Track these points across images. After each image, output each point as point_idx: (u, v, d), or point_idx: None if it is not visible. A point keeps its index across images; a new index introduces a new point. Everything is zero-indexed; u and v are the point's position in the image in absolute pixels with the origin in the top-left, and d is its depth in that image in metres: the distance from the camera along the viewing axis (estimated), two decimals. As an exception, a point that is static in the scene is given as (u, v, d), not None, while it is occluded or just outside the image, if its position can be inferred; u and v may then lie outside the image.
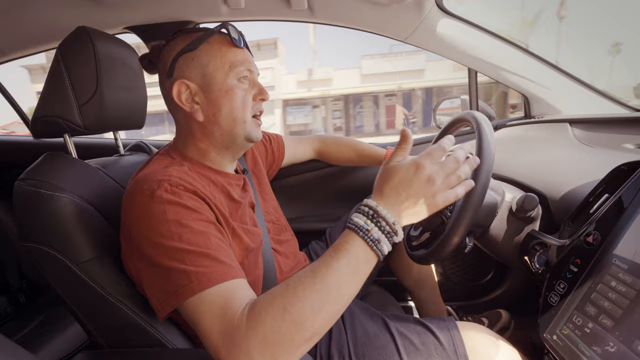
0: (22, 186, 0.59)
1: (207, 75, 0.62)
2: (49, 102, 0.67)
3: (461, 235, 0.64)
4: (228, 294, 0.46)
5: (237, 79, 0.63)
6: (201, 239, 0.49)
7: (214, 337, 0.44)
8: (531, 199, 0.66)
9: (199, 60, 0.62)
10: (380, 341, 0.66)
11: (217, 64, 0.62)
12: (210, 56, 0.62)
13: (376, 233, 0.47)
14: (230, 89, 0.62)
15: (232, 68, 0.62)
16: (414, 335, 0.66)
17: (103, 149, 1.46)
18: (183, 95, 0.62)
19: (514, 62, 1.13)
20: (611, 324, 0.44)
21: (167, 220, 0.49)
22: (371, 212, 0.48)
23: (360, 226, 0.47)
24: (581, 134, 0.95)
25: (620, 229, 0.49)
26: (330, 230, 1.05)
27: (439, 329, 0.66)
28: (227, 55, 0.62)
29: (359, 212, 0.49)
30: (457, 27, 1.06)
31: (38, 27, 1.00)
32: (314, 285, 0.44)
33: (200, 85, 0.62)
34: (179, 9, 1.00)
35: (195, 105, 0.62)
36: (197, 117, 0.62)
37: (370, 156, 1.09)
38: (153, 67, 0.69)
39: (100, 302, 0.58)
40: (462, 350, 0.62)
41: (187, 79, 0.61)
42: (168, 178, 0.53)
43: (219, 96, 0.62)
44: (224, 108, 0.62)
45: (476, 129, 0.67)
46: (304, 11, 1.01)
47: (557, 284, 0.55)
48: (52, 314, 1.13)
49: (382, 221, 0.47)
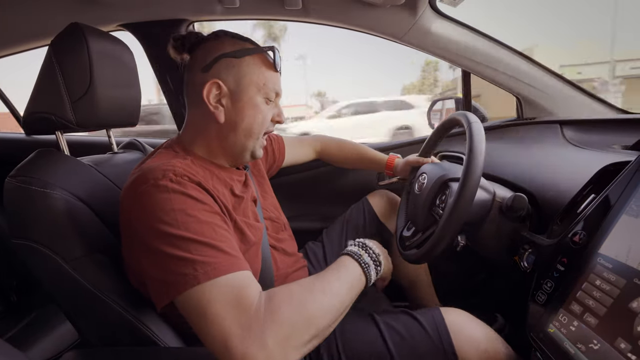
0: (12, 183, 0.59)
1: (242, 85, 0.64)
2: (40, 99, 0.67)
3: (452, 234, 0.64)
4: (240, 284, 0.47)
5: (265, 98, 0.66)
6: (207, 229, 0.50)
7: (225, 327, 0.44)
8: (521, 199, 0.67)
9: (240, 69, 0.63)
10: (368, 335, 0.67)
11: (254, 79, 0.64)
12: (251, 69, 0.64)
13: (366, 258, 0.61)
14: (257, 105, 0.65)
15: (265, 87, 0.65)
16: (400, 325, 0.68)
17: (96, 147, 1.45)
18: (212, 94, 0.62)
19: (507, 63, 1.14)
20: (595, 322, 0.45)
21: (173, 209, 0.49)
22: (361, 243, 0.65)
23: (354, 252, 0.62)
24: (571, 135, 0.96)
25: (606, 229, 0.50)
26: (326, 231, 1.05)
27: (423, 316, 0.68)
28: (265, 74, 0.65)
29: (365, 250, 0.63)
30: (451, 29, 1.07)
31: (31, 24, 0.99)
32: (325, 289, 0.52)
33: (231, 91, 0.63)
34: (174, 7, 1.00)
35: (220, 107, 0.64)
36: (218, 118, 0.63)
37: (371, 160, 1.09)
38: (183, 50, 0.68)
39: (91, 299, 0.58)
40: (445, 333, 0.64)
41: (222, 80, 0.63)
42: (172, 168, 0.53)
43: (245, 107, 0.64)
44: (247, 119, 0.65)
45: (467, 128, 0.67)
46: (298, 10, 1.01)
47: (544, 282, 0.56)
48: (42, 312, 1.12)
49: (370, 250, 0.63)
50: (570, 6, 54.87)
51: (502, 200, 0.72)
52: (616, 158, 0.63)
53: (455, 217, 0.62)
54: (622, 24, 28.06)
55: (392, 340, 0.65)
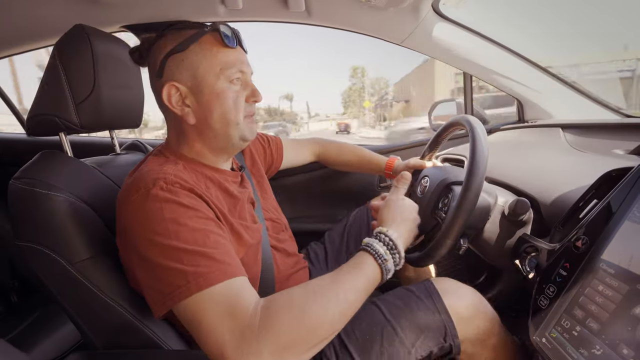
0: (16, 185, 0.59)
1: (198, 77, 0.60)
2: (45, 100, 0.67)
3: (455, 237, 0.64)
4: (233, 293, 0.47)
5: (229, 81, 0.61)
6: (199, 236, 0.49)
7: (220, 336, 0.44)
8: (523, 203, 0.67)
9: (189, 62, 0.59)
10: (367, 313, 0.69)
11: (208, 66, 0.60)
12: (200, 57, 0.60)
13: (390, 264, 0.55)
14: (222, 92, 0.60)
15: (223, 70, 0.60)
16: (397, 299, 0.69)
17: (98, 148, 1.45)
18: (173, 98, 0.60)
19: (509, 66, 1.14)
20: (598, 327, 0.45)
21: (164, 219, 0.49)
22: (391, 244, 0.57)
23: (380, 254, 0.55)
24: (573, 138, 0.96)
25: (608, 235, 0.50)
26: (329, 233, 1.05)
27: (417, 288, 0.70)
28: (217, 56, 0.60)
29: (379, 240, 0.57)
30: (452, 31, 1.08)
31: (34, 24, 0.99)
32: (332, 296, 0.48)
33: (190, 88, 0.60)
34: (177, 8, 1.00)
35: (186, 108, 0.61)
36: (188, 120, 0.61)
37: (370, 163, 1.08)
38: (143, 60, 0.66)
39: (95, 302, 0.58)
40: (437, 295, 0.66)
41: (177, 81, 0.60)
42: (164, 176, 0.53)
43: (210, 99, 0.60)
44: (216, 111, 0.61)
45: (470, 132, 0.68)
46: (301, 13, 1.01)
47: (546, 287, 0.56)
48: (44, 313, 1.12)
49: (397, 255, 0.57)
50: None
51: (504, 203, 0.72)
52: (618, 163, 0.63)
53: (458, 221, 0.62)
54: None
55: (390, 313, 0.66)
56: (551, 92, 1.16)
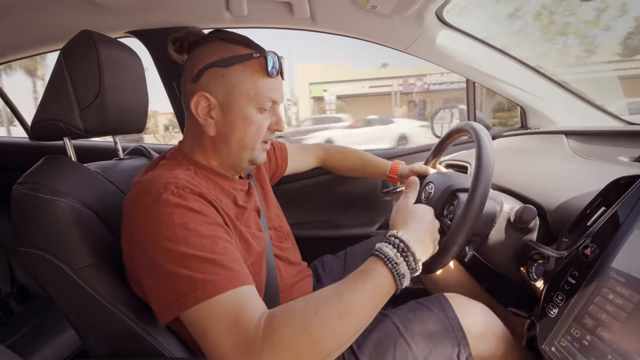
0: (20, 190, 0.58)
1: (232, 96, 0.60)
2: (50, 105, 0.67)
3: (461, 244, 0.64)
4: (240, 303, 0.46)
5: (258, 108, 0.62)
6: (208, 243, 0.49)
7: (224, 347, 0.43)
8: (530, 210, 0.67)
9: (228, 79, 0.59)
10: (379, 325, 0.69)
11: (244, 89, 0.60)
12: (240, 79, 0.60)
13: (403, 268, 0.50)
14: (249, 117, 0.61)
15: (257, 96, 0.61)
16: (409, 312, 0.70)
17: (101, 152, 1.45)
18: (200, 107, 0.60)
19: (512, 73, 1.15)
20: (609, 336, 0.45)
21: (174, 224, 0.48)
22: (402, 245, 0.52)
23: (390, 258, 0.50)
24: (576, 145, 0.96)
25: (617, 243, 0.49)
26: (351, 249, 1.03)
27: (429, 301, 0.72)
28: (257, 83, 0.60)
29: (388, 242, 0.52)
30: (456, 39, 1.08)
31: (40, 29, 1.00)
32: (337, 310, 0.45)
33: (220, 103, 0.60)
34: (182, 14, 1.00)
35: (210, 120, 0.61)
36: (208, 131, 0.61)
37: (375, 167, 1.08)
38: (181, 53, 0.65)
39: (97, 308, 0.58)
40: (450, 309, 0.67)
41: (210, 93, 0.60)
42: (174, 181, 0.53)
43: (236, 120, 0.61)
44: (237, 132, 0.62)
45: (475, 139, 0.67)
46: (306, 19, 1.02)
47: (555, 295, 0.55)
48: (44, 319, 1.11)
49: (411, 257, 0.51)
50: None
51: (510, 210, 0.72)
52: (624, 171, 0.63)
53: (464, 228, 0.62)
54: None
55: (402, 324, 0.67)
56: (554, 99, 1.16)
